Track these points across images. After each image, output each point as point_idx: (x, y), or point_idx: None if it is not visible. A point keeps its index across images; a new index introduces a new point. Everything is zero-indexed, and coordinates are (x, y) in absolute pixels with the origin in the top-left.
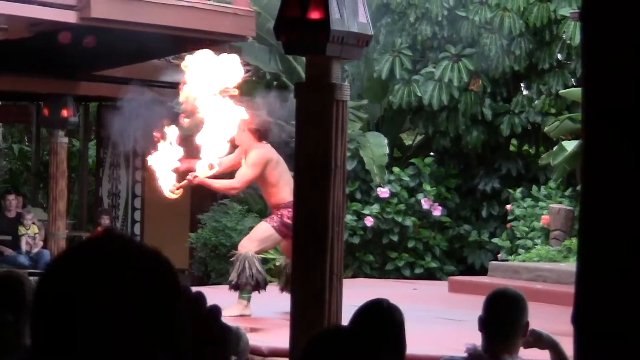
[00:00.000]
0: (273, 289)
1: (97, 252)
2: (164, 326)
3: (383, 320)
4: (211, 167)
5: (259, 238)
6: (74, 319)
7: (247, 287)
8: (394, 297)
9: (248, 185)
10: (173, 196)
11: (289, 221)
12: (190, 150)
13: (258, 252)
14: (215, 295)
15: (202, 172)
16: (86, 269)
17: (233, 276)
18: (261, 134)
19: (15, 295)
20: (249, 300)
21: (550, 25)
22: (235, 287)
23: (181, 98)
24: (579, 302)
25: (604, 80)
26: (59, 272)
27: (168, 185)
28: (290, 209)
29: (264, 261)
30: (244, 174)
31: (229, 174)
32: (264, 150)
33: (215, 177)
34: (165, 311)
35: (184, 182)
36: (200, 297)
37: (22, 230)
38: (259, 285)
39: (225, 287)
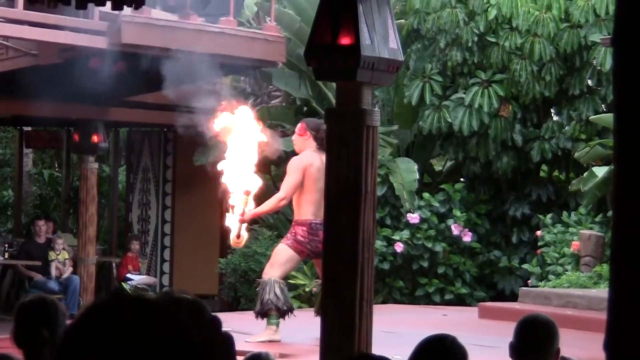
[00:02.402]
0: (303, 314)
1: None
2: None
3: (444, 358)
4: (247, 193)
5: (279, 262)
6: None
7: (272, 312)
8: (424, 323)
9: (294, 191)
10: (240, 245)
11: (302, 239)
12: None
13: (284, 276)
14: (245, 321)
15: (243, 203)
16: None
17: (258, 304)
18: (322, 141)
19: (49, 315)
20: (277, 325)
21: (581, 51)
22: (259, 314)
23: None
24: (611, 328)
25: (636, 105)
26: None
27: (233, 235)
28: (304, 228)
29: (294, 287)
30: (286, 182)
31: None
32: (304, 158)
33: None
34: None
35: (238, 227)
36: (217, 322)
37: (52, 255)
38: (279, 311)
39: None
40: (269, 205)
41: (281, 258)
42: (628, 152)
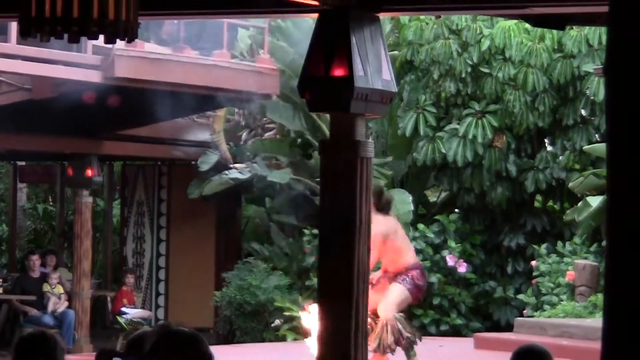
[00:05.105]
0: (299, 346)
1: None
2: None
3: None
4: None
5: (397, 302)
6: None
7: (410, 346)
8: (420, 354)
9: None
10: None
11: (419, 282)
12: None
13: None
14: (241, 354)
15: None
16: None
17: (389, 341)
18: (382, 206)
19: (48, 349)
20: (415, 355)
21: (574, 82)
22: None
23: None
24: (606, 358)
25: (628, 135)
26: None
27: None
28: (418, 270)
29: (290, 319)
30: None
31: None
32: (380, 227)
33: None
34: None
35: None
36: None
37: (46, 287)
38: (406, 343)
39: (250, 346)
40: None
41: (399, 299)
42: (621, 182)
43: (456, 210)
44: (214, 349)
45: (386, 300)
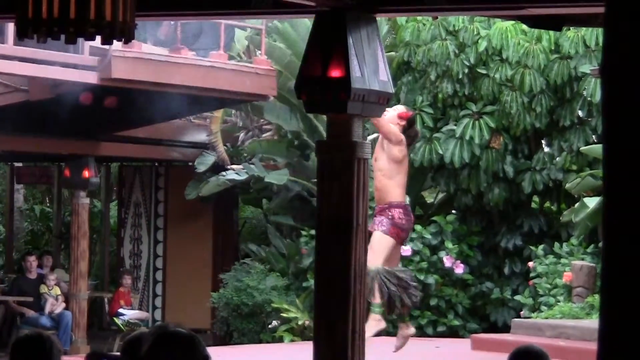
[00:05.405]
0: (295, 346)
1: None
2: None
3: None
4: None
5: (380, 249)
6: None
7: (375, 301)
8: (417, 355)
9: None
10: None
11: (401, 221)
12: None
13: (384, 263)
14: (238, 355)
15: None
16: None
17: (377, 300)
18: (408, 135)
19: (44, 351)
20: (381, 313)
21: (571, 83)
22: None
23: None
24: (602, 359)
25: (624, 136)
26: None
27: None
28: (401, 210)
29: (286, 320)
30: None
31: None
32: (401, 138)
33: None
34: None
35: None
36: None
37: (43, 288)
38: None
39: (247, 347)
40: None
41: (380, 246)
42: (618, 183)
43: (453, 211)
44: (211, 350)
45: (371, 250)
